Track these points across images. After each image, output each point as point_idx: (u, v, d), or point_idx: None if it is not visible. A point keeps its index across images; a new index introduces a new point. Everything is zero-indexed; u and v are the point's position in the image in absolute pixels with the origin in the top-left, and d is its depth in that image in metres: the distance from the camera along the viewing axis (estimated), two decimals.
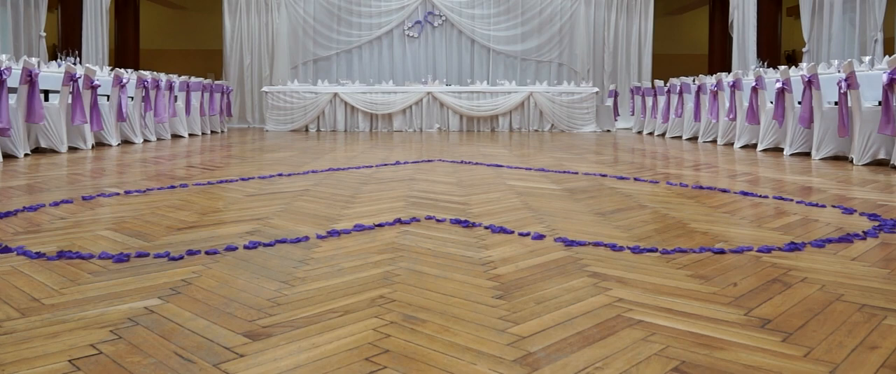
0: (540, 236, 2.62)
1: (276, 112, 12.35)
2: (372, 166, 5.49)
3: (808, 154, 6.67)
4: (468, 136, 11.11)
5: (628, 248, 2.42)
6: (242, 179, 4.52)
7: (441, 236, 2.67)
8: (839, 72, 7.24)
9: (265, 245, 2.47)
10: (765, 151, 7.36)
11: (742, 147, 7.90)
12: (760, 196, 3.78)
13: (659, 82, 11.20)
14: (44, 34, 11.25)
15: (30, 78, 6.21)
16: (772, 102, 7.43)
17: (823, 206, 3.43)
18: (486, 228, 2.81)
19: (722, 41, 15.15)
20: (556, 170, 5.20)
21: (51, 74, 7.54)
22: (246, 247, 2.44)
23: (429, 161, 5.98)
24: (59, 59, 9.01)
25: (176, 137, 9.88)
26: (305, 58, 14.45)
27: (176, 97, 10.01)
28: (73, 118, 6.90)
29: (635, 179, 4.62)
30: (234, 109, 14.07)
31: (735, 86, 8.00)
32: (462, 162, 5.86)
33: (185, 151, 7.37)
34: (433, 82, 12.98)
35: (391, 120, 12.44)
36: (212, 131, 11.46)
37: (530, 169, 5.30)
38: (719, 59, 15.44)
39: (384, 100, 12.37)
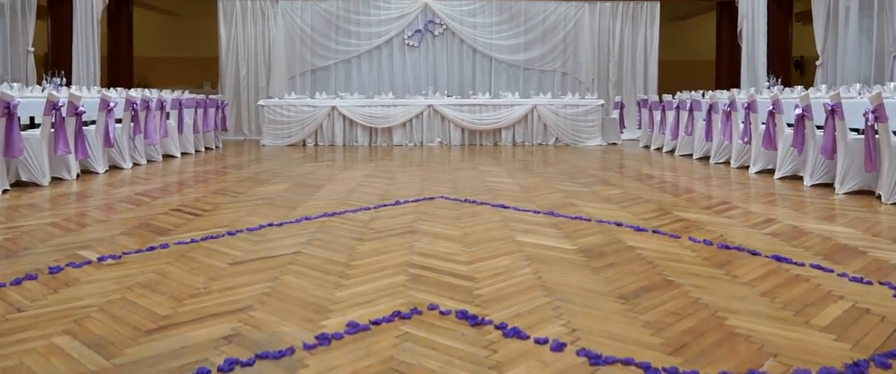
0: (560, 346, 2.28)
1: (273, 126, 12.00)
2: (370, 208, 5.15)
3: (830, 186, 6.32)
4: (470, 151, 10.77)
5: (663, 370, 2.08)
6: (229, 234, 4.18)
7: (446, 343, 2.33)
8: (861, 95, 6.91)
9: (243, 365, 2.13)
10: (783, 179, 7.01)
11: (758, 173, 7.55)
12: (796, 263, 3.43)
13: (667, 97, 10.85)
14: (32, 49, 10.89)
15: (8, 110, 5.87)
16: (790, 125, 7.09)
17: (870, 283, 3.08)
18: (498, 327, 2.47)
19: (730, 48, 14.78)
20: (566, 215, 4.85)
21: (33, 99, 7.21)
22: (220, 369, 2.10)
23: (430, 199, 5.64)
24: (45, 81, 8.65)
25: (168, 157, 9.54)
26: (303, 68, 14.09)
27: (168, 114, 9.67)
28: (55, 149, 6.56)
29: (653, 231, 4.27)
30: (230, 120, 13.72)
31: (750, 108, 7.65)
32: (465, 201, 5.51)
33: (174, 181, 7.03)
34: (434, 94, 12.63)
35: (391, 133, 12.10)
36: (206, 148, 11.12)
37: (538, 212, 4.96)
38: (727, 66, 15.07)
39: (383, 113, 12.02)
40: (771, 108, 7.11)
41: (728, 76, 14.89)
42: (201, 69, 17.59)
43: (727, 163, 8.55)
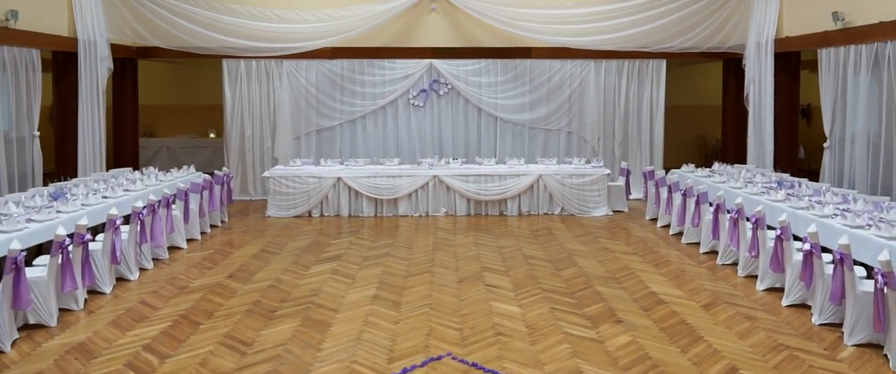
0: None
1: (278, 197, 12.03)
2: None
3: (839, 328, 6.29)
4: (476, 228, 10.78)
5: None
6: None
7: None
8: (869, 226, 6.88)
9: None
10: (791, 307, 6.98)
11: (765, 291, 7.52)
12: None
13: (673, 175, 10.79)
14: (38, 133, 10.86)
15: (15, 264, 5.88)
16: (799, 249, 7.05)
17: None
18: None
19: (736, 100, 14.59)
20: None
21: (38, 223, 7.24)
22: None
23: (437, 359, 5.64)
24: (50, 184, 8.63)
25: (174, 249, 9.56)
26: (308, 128, 14.07)
27: (173, 201, 9.67)
28: (63, 286, 6.57)
29: None
30: (236, 181, 13.74)
31: (758, 224, 7.60)
32: (473, 366, 5.51)
33: (178, 313, 7.02)
34: (440, 162, 12.62)
35: (397, 204, 12.11)
36: (212, 226, 11.12)
37: None
38: (733, 115, 14.92)
39: (389, 184, 12.03)
40: (779, 233, 7.08)
41: (735, 127, 14.78)
42: (207, 116, 17.64)
43: (734, 265, 8.51)
